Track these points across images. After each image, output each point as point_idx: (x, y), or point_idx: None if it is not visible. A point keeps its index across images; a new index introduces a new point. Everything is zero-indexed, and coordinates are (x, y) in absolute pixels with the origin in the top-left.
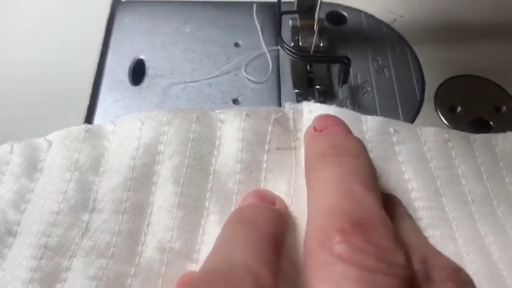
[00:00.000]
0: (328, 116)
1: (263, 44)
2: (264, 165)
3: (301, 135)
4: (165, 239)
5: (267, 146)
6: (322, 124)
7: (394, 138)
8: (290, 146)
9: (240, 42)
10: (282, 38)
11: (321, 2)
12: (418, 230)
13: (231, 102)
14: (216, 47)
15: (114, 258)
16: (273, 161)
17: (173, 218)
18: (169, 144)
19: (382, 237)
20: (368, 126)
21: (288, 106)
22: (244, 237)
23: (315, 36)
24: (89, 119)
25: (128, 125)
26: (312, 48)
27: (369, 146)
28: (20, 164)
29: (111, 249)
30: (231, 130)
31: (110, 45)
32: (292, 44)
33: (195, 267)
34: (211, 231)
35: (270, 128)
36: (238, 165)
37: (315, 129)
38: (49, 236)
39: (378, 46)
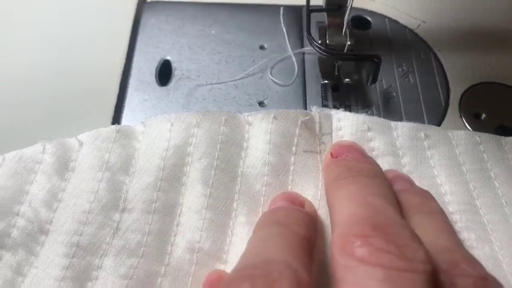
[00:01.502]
0: (344, 143)
1: (289, 47)
2: (292, 168)
3: (327, 139)
4: (194, 239)
5: (294, 149)
6: (338, 151)
7: (426, 143)
8: (317, 150)
9: (266, 45)
10: (311, 36)
11: None
12: (449, 229)
13: (257, 104)
14: (241, 50)
15: (145, 257)
16: (300, 164)
17: (202, 219)
18: (199, 146)
19: (401, 237)
20: (398, 133)
21: (315, 110)
22: (279, 238)
23: (344, 30)
24: (116, 118)
25: (158, 126)
26: (346, 48)
27: (400, 152)
28: (52, 163)
29: (142, 248)
30: (259, 133)
31: (136, 45)
32: (319, 42)
33: (224, 267)
34: (239, 233)
35: (297, 131)
36: (266, 167)
37: (331, 155)
38: (80, 234)
39: (402, 51)
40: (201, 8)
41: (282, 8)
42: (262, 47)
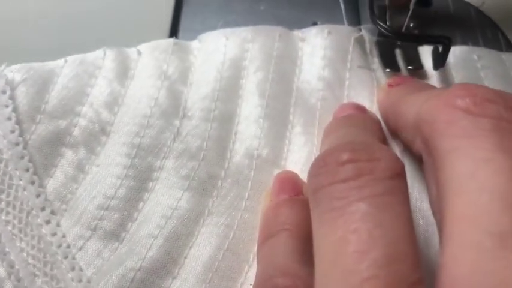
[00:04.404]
0: (400, 75)
1: (346, 24)
2: (347, 83)
3: (378, 60)
4: (252, 146)
5: (348, 64)
6: (396, 81)
7: (479, 64)
8: (370, 67)
9: (319, 22)
10: (375, 16)
11: None
12: None
13: None
14: (293, 27)
15: (205, 160)
16: (355, 79)
17: (260, 128)
18: (253, 60)
19: (505, 94)
20: (451, 55)
21: (364, 30)
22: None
23: (409, 15)
24: None
25: (213, 41)
26: (404, 28)
27: (453, 73)
28: (112, 69)
29: (202, 152)
30: (313, 49)
31: (181, 22)
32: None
33: None
34: (296, 141)
35: (350, 48)
36: (321, 82)
37: (389, 86)
38: (142, 136)
39: (467, 30)
40: None
41: None
42: (315, 24)
